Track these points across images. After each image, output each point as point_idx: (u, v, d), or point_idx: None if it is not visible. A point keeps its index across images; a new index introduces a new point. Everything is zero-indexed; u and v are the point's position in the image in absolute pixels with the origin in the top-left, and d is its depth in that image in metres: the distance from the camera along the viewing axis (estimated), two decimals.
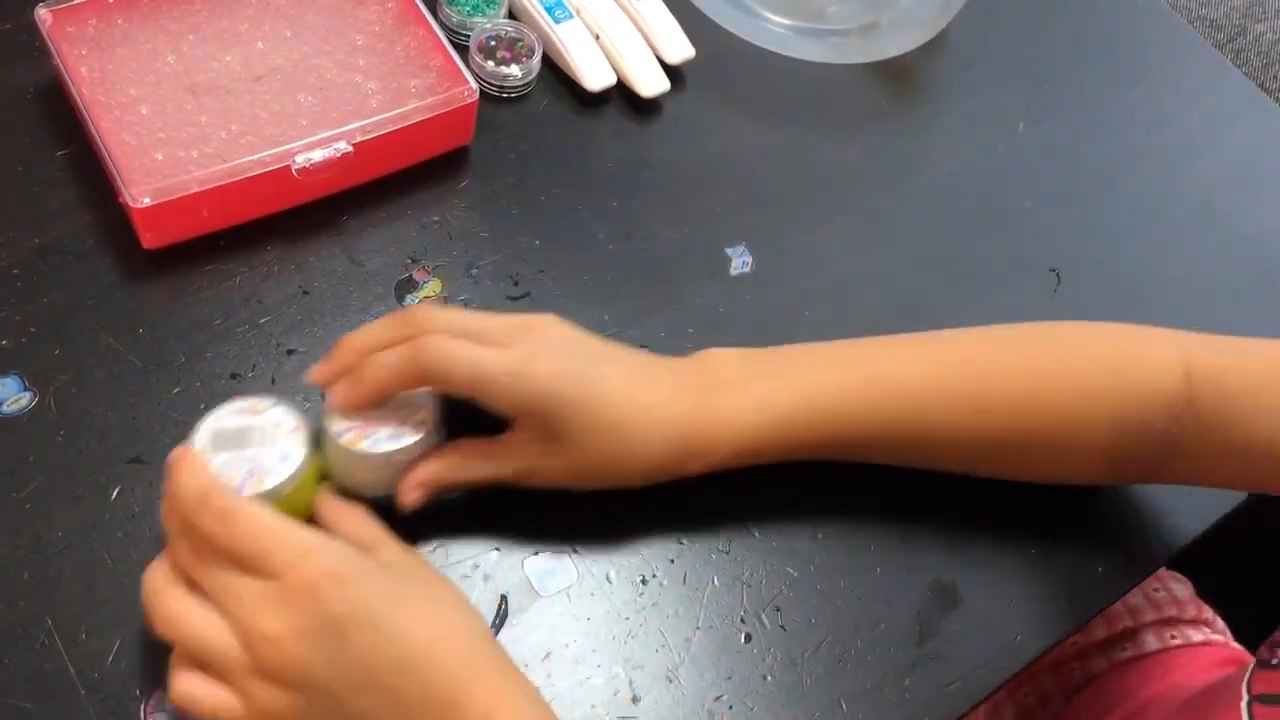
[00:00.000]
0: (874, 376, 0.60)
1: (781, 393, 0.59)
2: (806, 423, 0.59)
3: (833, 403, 0.59)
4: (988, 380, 0.61)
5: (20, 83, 0.72)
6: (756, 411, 0.59)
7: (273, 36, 0.70)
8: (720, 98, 0.82)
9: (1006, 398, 0.60)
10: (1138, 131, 0.87)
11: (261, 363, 0.65)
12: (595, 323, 0.69)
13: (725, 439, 0.59)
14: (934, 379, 0.60)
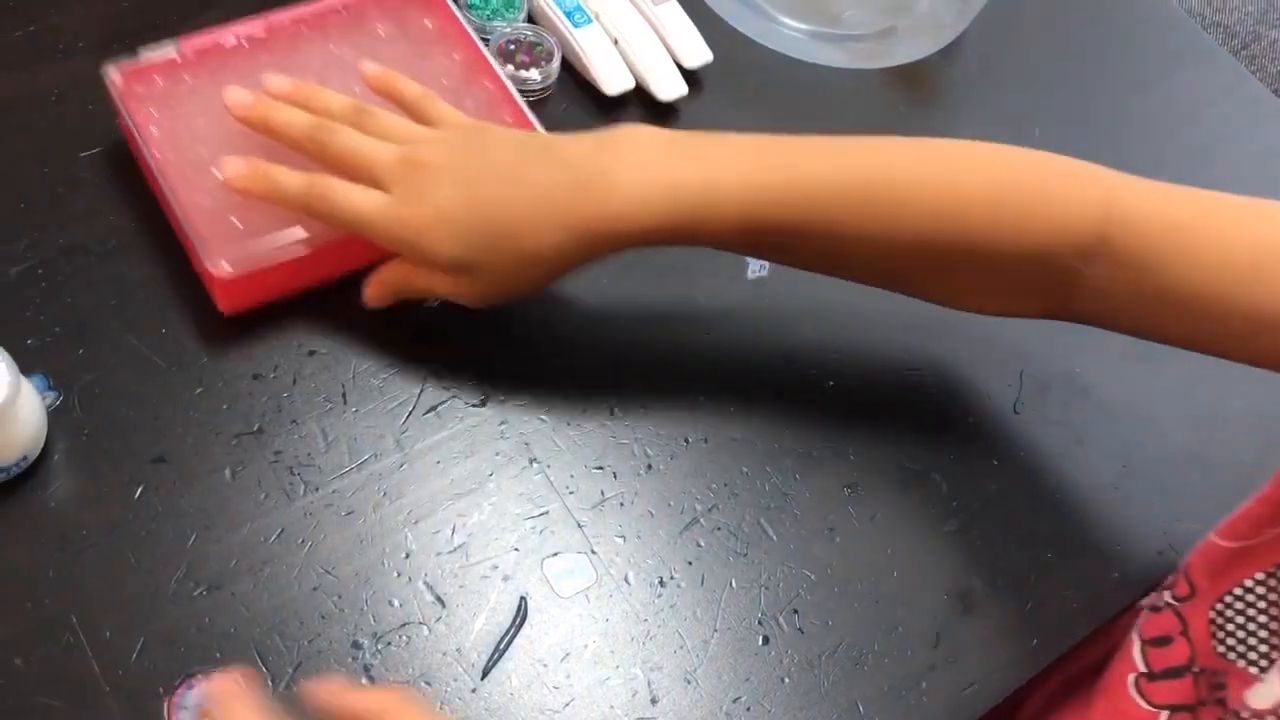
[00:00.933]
0: (791, 172, 0.59)
1: (692, 176, 0.59)
2: (715, 211, 0.59)
3: (745, 195, 0.59)
4: (906, 189, 0.60)
5: (43, 85, 0.73)
6: (662, 194, 0.58)
7: (341, 90, 0.66)
8: (737, 102, 0.82)
9: (920, 207, 0.60)
10: (1153, 137, 0.87)
11: (283, 363, 0.65)
12: (613, 325, 0.70)
13: (626, 220, 0.59)
14: (853, 183, 0.59)
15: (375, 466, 0.63)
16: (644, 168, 0.59)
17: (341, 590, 0.59)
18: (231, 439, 0.62)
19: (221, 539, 0.59)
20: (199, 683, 0.55)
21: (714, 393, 0.68)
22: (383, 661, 0.57)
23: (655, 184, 0.58)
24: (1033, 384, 0.72)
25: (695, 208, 0.58)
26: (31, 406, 0.58)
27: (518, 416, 0.66)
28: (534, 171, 0.60)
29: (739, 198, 0.59)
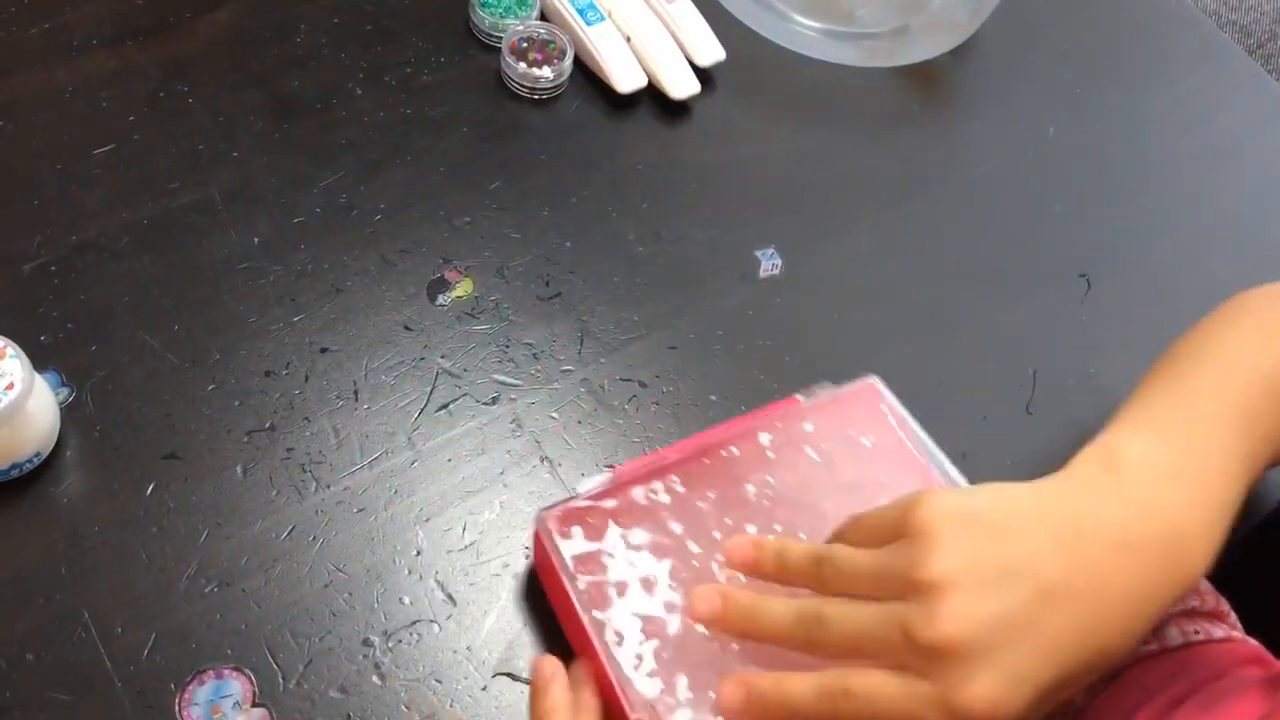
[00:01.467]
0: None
1: (1209, 492, 0.50)
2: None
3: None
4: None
5: (58, 82, 0.73)
6: (1217, 522, 0.49)
7: (786, 538, 0.55)
8: (750, 101, 0.82)
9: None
10: (1168, 136, 0.87)
11: (295, 360, 0.65)
12: (625, 323, 0.70)
13: (1207, 564, 0.49)
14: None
15: (387, 464, 0.63)
16: (1189, 504, 0.49)
17: (353, 587, 0.59)
18: (243, 436, 0.62)
19: (233, 536, 0.59)
20: (210, 679, 0.55)
21: (726, 392, 0.68)
22: (393, 659, 0.57)
23: (1209, 520, 0.49)
24: (1046, 384, 0.72)
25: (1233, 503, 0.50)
26: (44, 403, 0.58)
27: (529, 415, 0.66)
28: (1105, 569, 0.47)
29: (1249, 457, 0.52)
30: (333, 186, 0.72)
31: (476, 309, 0.69)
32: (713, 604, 0.51)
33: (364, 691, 0.56)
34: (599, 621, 0.54)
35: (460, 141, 0.76)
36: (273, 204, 0.71)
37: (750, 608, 0.51)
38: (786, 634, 0.49)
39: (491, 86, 0.79)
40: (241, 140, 0.73)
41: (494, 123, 0.77)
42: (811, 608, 0.48)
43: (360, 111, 0.76)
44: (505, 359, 0.67)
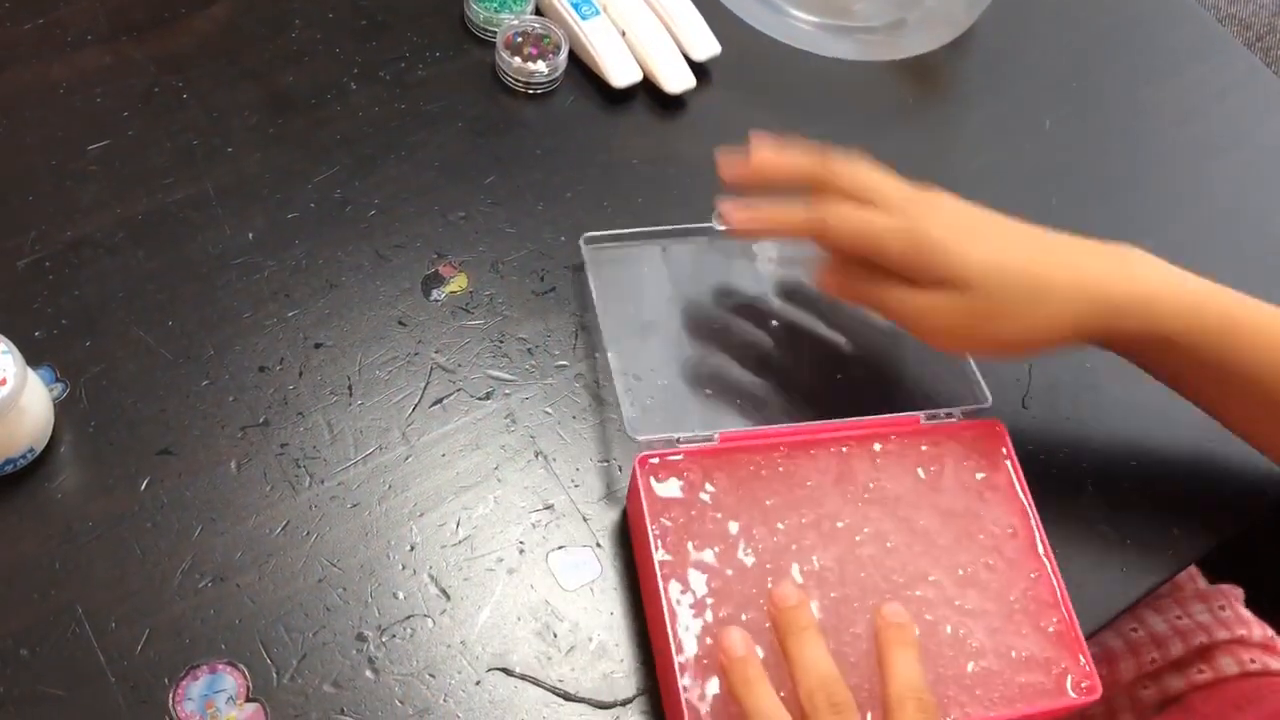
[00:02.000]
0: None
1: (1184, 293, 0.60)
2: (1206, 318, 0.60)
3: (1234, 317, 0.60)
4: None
5: (53, 77, 0.73)
6: (1184, 292, 0.60)
7: (874, 541, 0.59)
8: (746, 95, 0.82)
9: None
10: (1166, 130, 0.87)
11: (289, 356, 0.65)
12: (618, 319, 0.69)
13: (1142, 304, 0.59)
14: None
15: (381, 459, 0.63)
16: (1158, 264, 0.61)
17: (346, 582, 0.59)
18: (237, 431, 0.62)
19: (227, 531, 0.59)
20: (203, 674, 0.55)
21: (722, 387, 0.68)
22: (387, 654, 0.57)
23: (1174, 277, 0.61)
24: (1042, 379, 0.71)
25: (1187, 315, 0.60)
26: (38, 398, 0.58)
27: (523, 410, 0.66)
28: (1059, 239, 0.61)
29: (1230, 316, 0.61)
30: (327, 182, 0.72)
31: (471, 304, 0.69)
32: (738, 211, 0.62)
33: (358, 686, 0.56)
34: (668, 563, 0.56)
35: (455, 136, 0.76)
36: (267, 199, 0.71)
37: (770, 213, 0.62)
38: (799, 221, 0.61)
39: (486, 81, 0.79)
40: (236, 136, 0.73)
41: (489, 117, 0.77)
42: (821, 208, 0.61)
43: (355, 107, 0.76)
44: (499, 354, 0.67)
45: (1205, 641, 0.70)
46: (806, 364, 0.69)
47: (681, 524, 0.58)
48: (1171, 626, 0.71)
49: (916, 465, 0.61)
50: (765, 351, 0.69)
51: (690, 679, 0.53)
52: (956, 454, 0.62)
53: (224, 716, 0.54)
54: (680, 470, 0.59)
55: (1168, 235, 0.81)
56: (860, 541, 0.59)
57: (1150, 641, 0.71)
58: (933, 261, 0.58)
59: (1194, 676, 0.69)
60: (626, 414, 0.62)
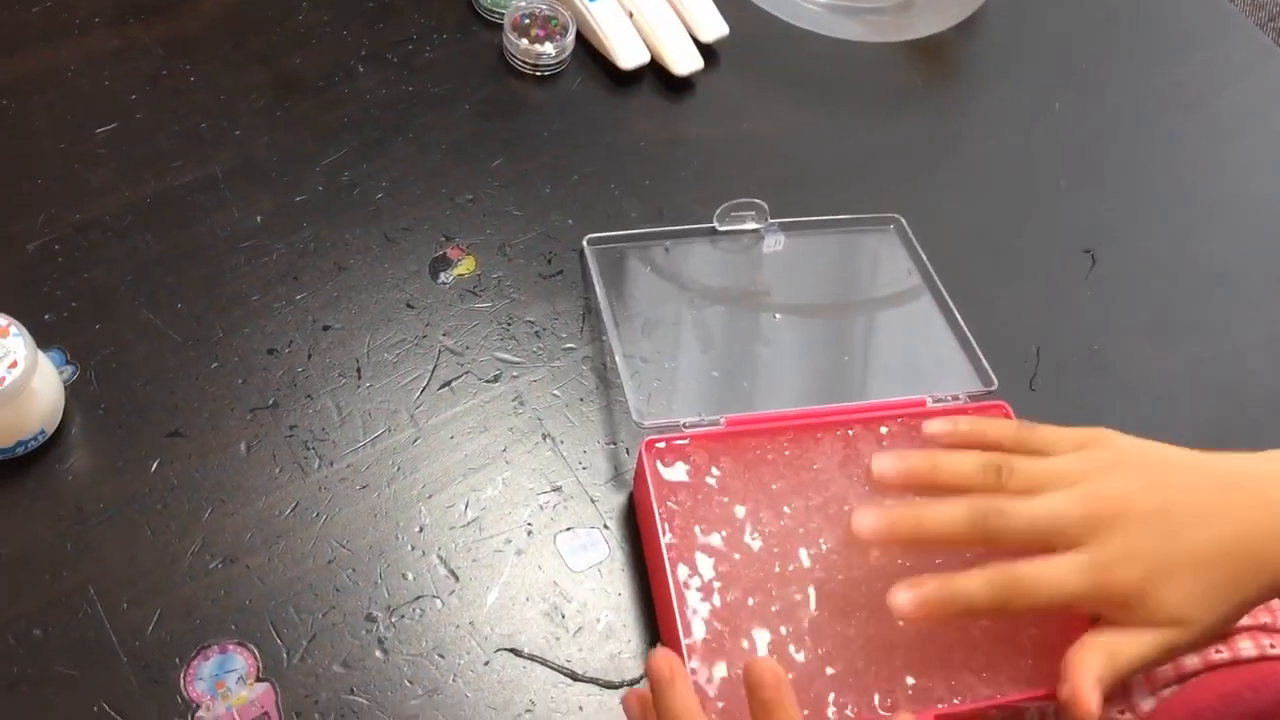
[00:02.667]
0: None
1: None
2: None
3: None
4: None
5: (61, 61, 0.73)
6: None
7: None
8: (754, 76, 0.82)
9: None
10: (1176, 112, 0.86)
11: (298, 338, 0.66)
12: (625, 300, 0.70)
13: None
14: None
15: (389, 441, 0.63)
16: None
17: (356, 563, 0.59)
18: (246, 414, 0.63)
19: (237, 512, 0.60)
20: (214, 654, 0.56)
21: (728, 372, 0.68)
22: (396, 634, 0.57)
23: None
24: (1049, 360, 0.71)
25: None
26: (49, 381, 0.59)
27: (531, 393, 0.66)
28: (1240, 512, 0.52)
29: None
30: (335, 164, 0.72)
31: (478, 287, 0.69)
32: (876, 519, 0.53)
33: (367, 666, 0.56)
34: (675, 546, 0.56)
35: (462, 119, 0.76)
36: (275, 182, 0.71)
37: (916, 514, 0.53)
38: (965, 527, 0.51)
39: (493, 63, 0.79)
40: (244, 119, 0.73)
41: (496, 100, 0.77)
42: (989, 502, 0.52)
43: (362, 89, 0.76)
44: (507, 337, 0.68)
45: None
46: (812, 349, 0.69)
47: (688, 507, 0.58)
48: None
49: (923, 447, 0.61)
50: (770, 337, 0.69)
51: (698, 661, 0.54)
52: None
53: (234, 696, 0.55)
54: (687, 454, 0.59)
55: (1177, 219, 0.81)
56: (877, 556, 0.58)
57: None
58: (1129, 617, 0.51)
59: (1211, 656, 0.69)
60: (632, 401, 0.62)
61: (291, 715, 0.54)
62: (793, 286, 0.71)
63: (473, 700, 0.56)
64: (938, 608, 0.51)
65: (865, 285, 0.72)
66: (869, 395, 0.63)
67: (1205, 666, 0.69)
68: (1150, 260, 0.78)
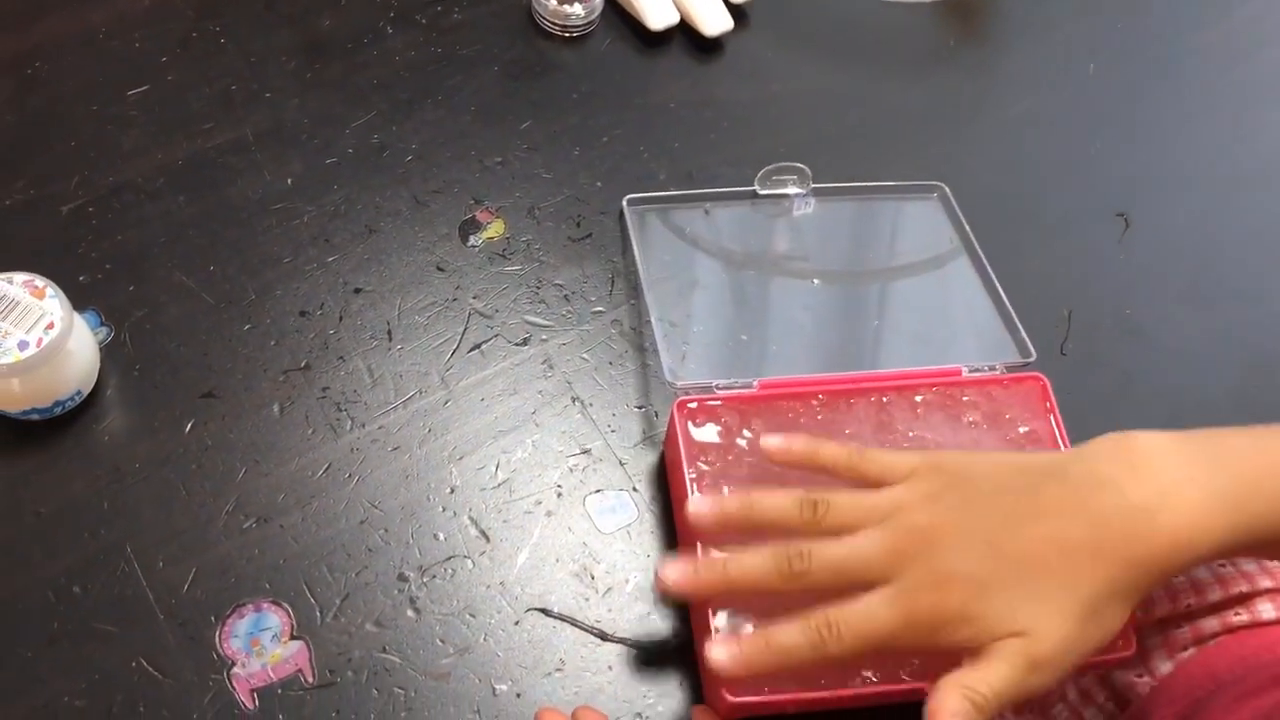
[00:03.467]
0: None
1: (1232, 483, 0.51)
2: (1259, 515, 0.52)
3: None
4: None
5: (92, 24, 0.73)
6: (1212, 512, 0.51)
7: None
8: (784, 37, 0.81)
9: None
10: (1212, 73, 0.85)
11: (329, 300, 0.66)
12: (651, 262, 0.70)
13: (1178, 549, 0.51)
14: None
15: (420, 403, 0.63)
16: (1178, 489, 0.51)
17: (388, 524, 0.60)
18: (279, 375, 0.63)
19: (270, 473, 0.60)
20: (249, 612, 0.56)
21: (762, 333, 0.68)
22: (428, 593, 0.58)
23: (1207, 498, 0.50)
24: (1081, 324, 0.71)
25: (1254, 516, 0.51)
26: (84, 342, 0.59)
27: (560, 356, 0.66)
28: (1065, 502, 0.51)
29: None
30: (364, 126, 0.72)
31: (508, 250, 0.69)
32: (681, 572, 0.51)
33: (399, 625, 0.57)
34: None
35: (491, 80, 0.76)
36: (305, 144, 0.71)
37: (723, 565, 0.51)
38: (772, 578, 0.50)
39: (522, 24, 0.78)
40: (274, 81, 0.74)
41: (524, 61, 0.77)
42: (794, 548, 0.50)
43: (391, 51, 0.76)
44: (536, 300, 0.68)
45: (1246, 590, 0.70)
46: (848, 315, 0.69)
47: (718, 468, 0.58)
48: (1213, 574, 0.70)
49: (957, 416, 0.61)
50: (806, 302, 0.69)
51: (724, 620, 0.54)
52: (998, 406, 0.62)
53: (269, 654, 0.56)
54: (718, 415, 0.59)
55: (1214, 181, 0.80)
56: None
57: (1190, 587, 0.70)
58: (966, 641, 0.49)
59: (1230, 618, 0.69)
60: (665, 361, 0.62)
61: (325, 673, 0.55)
62: (830, 251, 0.71)
63: (503, 659, 0.57)
64: (759, 666, 0.49)
65: (904, 252, 0.71)
66: (904, 363, 0.62)
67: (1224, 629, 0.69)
68: (1185, 224, 0.77)
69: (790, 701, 0.52)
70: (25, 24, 0.74)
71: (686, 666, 0.57)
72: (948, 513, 0.50)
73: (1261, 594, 0.69)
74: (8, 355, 0.55)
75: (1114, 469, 0.51)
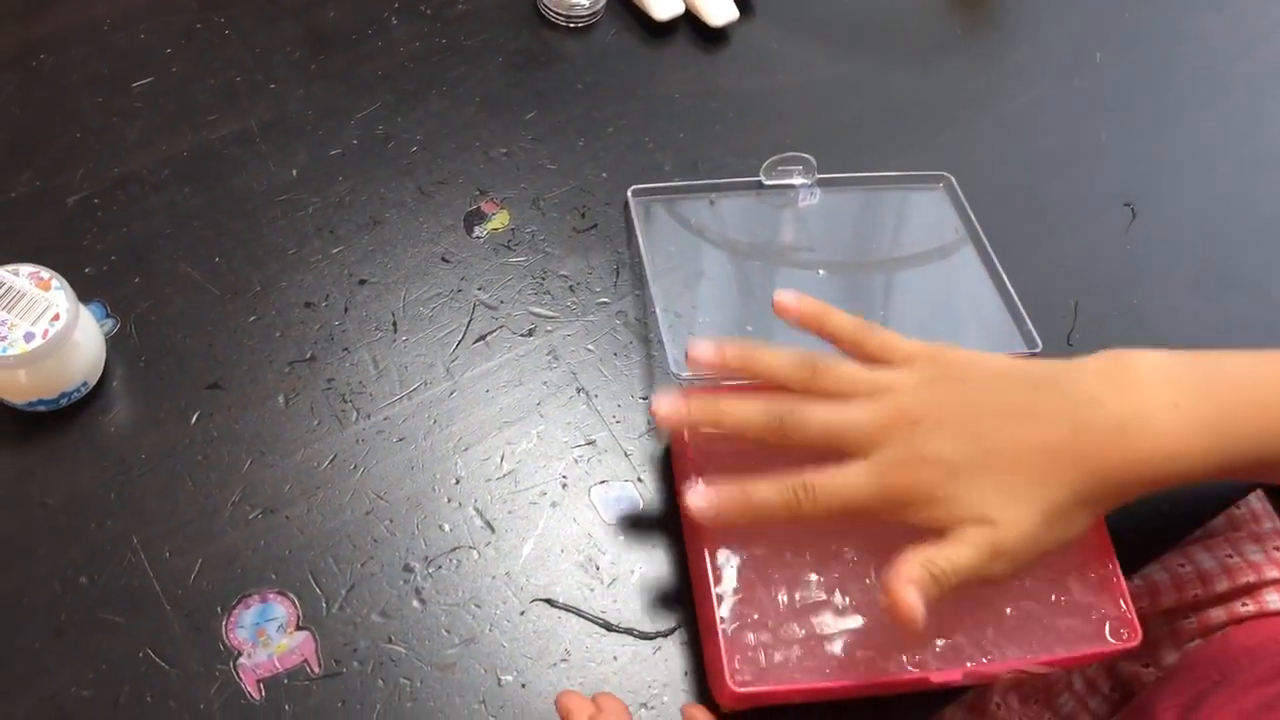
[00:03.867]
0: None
1: (1216, 412, 0.52)
2: (1245, 445, 0.53)
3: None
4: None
5: (96, 15, 0.74)
6: (1196, 436, 0.52)
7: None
8: (790, 27, 0.81)
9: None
10: (1219, 61, 0.85)
11: (334, 292, 0.66)
12: (656, 255, 0.69)
13: (1159, 466, 0.52)
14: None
15: (425, 394, 0.63)
16: (1159, 412, 0.52)
17: (393, 515, 0.60)
18: (285, 366, 0.63)
19: (276, 464, 0.60)
20: (255, 603, 0.56)
21: (767, 324, 0.68)
22: (434, 584, 0.58)
23: (1188, 425, 0.52)
24: (1088, 315, 0.71)
25: (1236, 441, 0.53)
26: (90, 333, 0.59)
27: (565, 347, 0.66)
28: (1050, 409, 0.52)
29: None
30: (369, 118, 0.72)
31: (513, 241, 0.69)
32: (674, 406, 0.53)
33: (405, 615, 0.57)
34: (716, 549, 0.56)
35: (496, 71, 0.76)
36: (310, 135, 0.71)
37: (722, 404, 0.53)
38: (762, 427, 0.53)
39: (527, 15, 0.78)
40: (278, 72, 0.73)
41: (529, 52, 0.77)
42: (788, 405, 0.53)
43: (396, 42, 0.76)
44: (541, 291, 0.68)
45: (1253, 580, 0.70)
46: (852, 305, 0.68)
47: (723, 459, 0.58)
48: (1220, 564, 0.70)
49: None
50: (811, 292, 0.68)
51: (728, 611, 0.54)
52: None
53: (275, 644, 0.56)
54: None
55: (1219, 171, 0.79)
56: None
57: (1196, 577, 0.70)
58: (934, 520, 0.51)
59: (1236, 609, 0.69)
60: (670, 351, 0.62)
61: (331, 663, 0.55)
62: (836, 242, 0.71)
63: (509, 650, 0.57)
64: (732, 511, 0.52)
65: (910, 242, 0.71)
66: None
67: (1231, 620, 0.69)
68: (1192, 213, 0.77)
69: (793, 692, 0.52)
70: (30, 16, 0.74)
71: (692, 657, 0.57)
72: (937, 399, 0.52)
73: (1268, 584, 0.69)
74: (14, 347, 0.55)
75: (1100, 386, 0.52)
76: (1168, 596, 0.71)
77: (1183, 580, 0.71)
